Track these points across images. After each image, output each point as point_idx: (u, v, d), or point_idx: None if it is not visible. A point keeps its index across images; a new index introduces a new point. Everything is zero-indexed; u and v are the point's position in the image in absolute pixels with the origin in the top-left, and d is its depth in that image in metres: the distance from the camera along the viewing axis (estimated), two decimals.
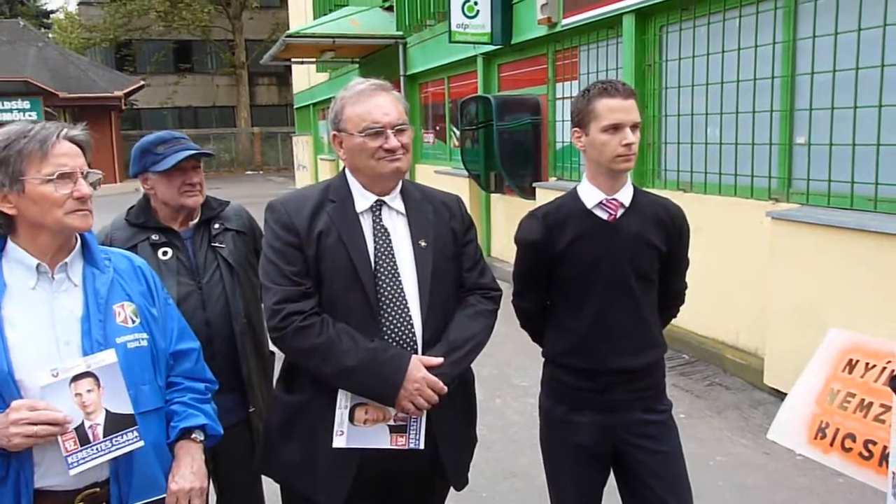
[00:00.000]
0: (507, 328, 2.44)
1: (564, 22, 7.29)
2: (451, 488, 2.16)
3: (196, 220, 2.45)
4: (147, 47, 33.56)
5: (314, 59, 15.13)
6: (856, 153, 4.51)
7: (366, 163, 1.97)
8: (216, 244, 2.43)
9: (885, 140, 4.32)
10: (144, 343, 1.73)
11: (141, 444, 1.64)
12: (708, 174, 5.74)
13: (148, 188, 2.40)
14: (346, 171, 2.08)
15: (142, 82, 26.85)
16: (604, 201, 2.11)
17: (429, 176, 10.86)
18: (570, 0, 7.17)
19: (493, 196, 9.40)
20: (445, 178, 10.18)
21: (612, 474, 2.29)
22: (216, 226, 2.46)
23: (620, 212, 2.12)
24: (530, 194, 8.01)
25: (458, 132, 9.81)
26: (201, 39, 33.52)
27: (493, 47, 8.77)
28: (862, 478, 3.77)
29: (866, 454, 3.77)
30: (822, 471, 3.82)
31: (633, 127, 2.04)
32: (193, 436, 1.81)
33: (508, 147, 8.25)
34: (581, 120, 2.10)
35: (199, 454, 1.80)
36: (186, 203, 2.37)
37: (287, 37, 12.63)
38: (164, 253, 2.36)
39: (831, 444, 3.96)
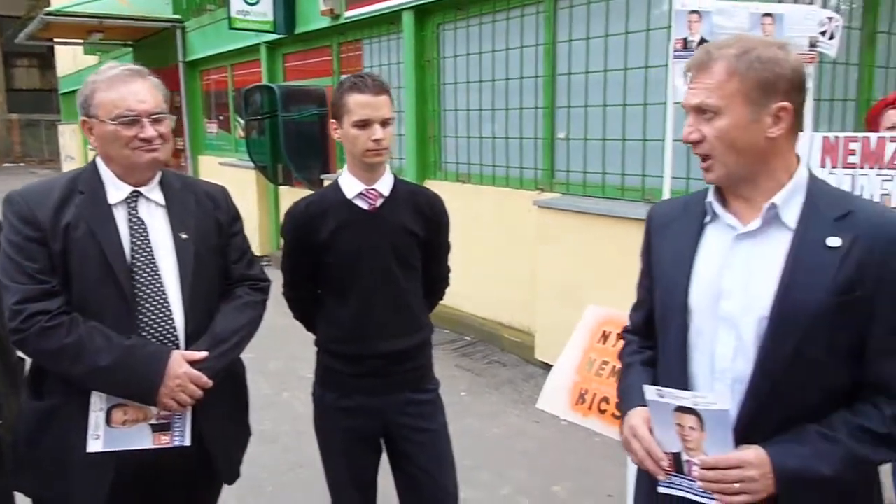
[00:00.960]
0: (294, 321, 2.46)
1: (347, 14, 7.34)
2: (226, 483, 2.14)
3: None
4: None
5: (80, 41, 13.87)
6: (606, 147, 5.04)
7: (119, 152, 1.88)
8: None
9: (629, 135, 4.87)
10: None
11: None
12: (483, 166, 6.11)
13: None
14: (98, 160, 1.97)
15: None
16: (363, 191, 2.18)
17: (213, 168, 10.42)
18: None
19: (282, 188, 9.23)
20: (231, 169, 9.84)
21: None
22: None
23: (380, 201, 2.20)
24: (319, 186, 7.98)
25: (242, 122, 9.51)
26: None
27: (276, 36, 8.60)
28: (615, 435, 4.26)
29: (618, 414, 4.26)
30: (584, 433, 4.25)
31: (384, 123, 2.12)
32: None
33: (295, 138, 8.15)
34: (336, 113, 2.16)
35: None
36: None
37: (46, 14, 11.44)
38: None
39: (590, 408, 4.42)
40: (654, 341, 1.64)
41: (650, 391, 1.45)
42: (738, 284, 1.44)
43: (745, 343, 1.43)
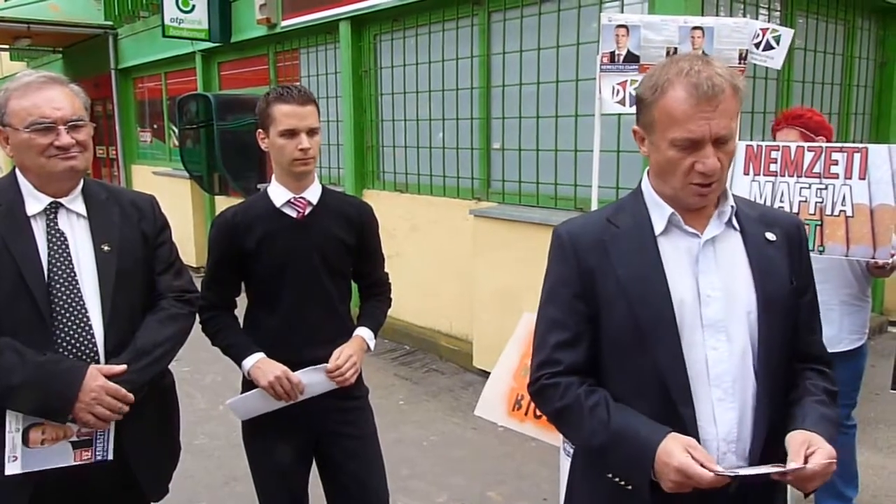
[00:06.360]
0: None
1: (284, 24, 7.29)
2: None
3: None
4: None
5: (7, 46, 13.36)
6: (539, 157, 5.14)
7: (34, 161, 1.85)
8: None
9: (561, 146, 4.98)
10: None
11: None
12: (420, 176, 6.14)
13: None
14: (17, 170, 1.93)
15: None
16: (292, 199, 2.20)
17: (147, 178, 10.19)
18: (288, 2, 7.19)
19: (218, 198, 9.08)
20: (165, 179, 9.63)
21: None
22: None
23: (308, 210, 2.22)
24: None
25: (177, 131, 9.33)
26: None
27: (211, 44, 8.49)
28: (549, 440, 4.31)
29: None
30: (520, 438, 4.31)
31: (310, 132, 2.15)
32: None
33: (231, 148, 8.02)
34: (263, 123, 2.19)
35: None
36: None
37: None
38: None
39: (525, 414, 4.49)
40: (597, 377, 1.52)
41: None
42: (717, 288, 1.47)
43: (737, 341, 1.47)
